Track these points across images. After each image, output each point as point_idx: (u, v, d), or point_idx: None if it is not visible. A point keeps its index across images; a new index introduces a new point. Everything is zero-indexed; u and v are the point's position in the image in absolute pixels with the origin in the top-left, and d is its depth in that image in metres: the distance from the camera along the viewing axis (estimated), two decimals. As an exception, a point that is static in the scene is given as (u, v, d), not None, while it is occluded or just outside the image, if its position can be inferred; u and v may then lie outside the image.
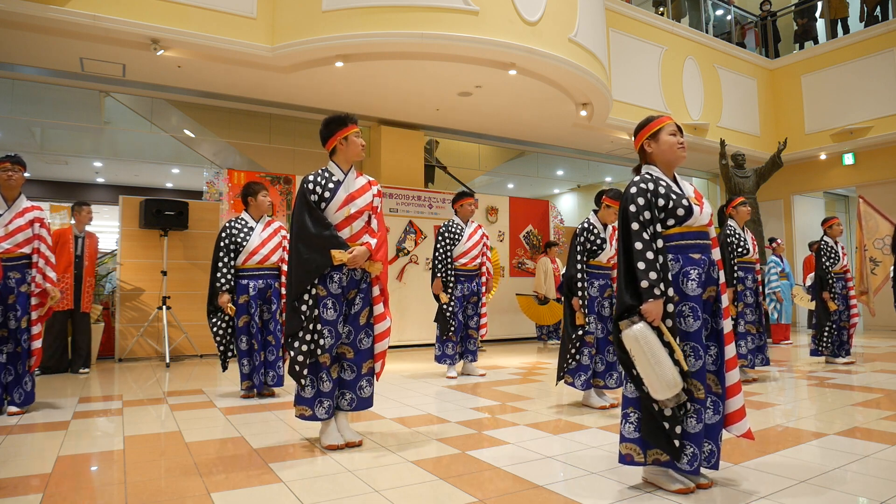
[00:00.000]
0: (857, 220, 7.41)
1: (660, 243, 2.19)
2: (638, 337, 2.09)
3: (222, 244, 4.27)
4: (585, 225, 3.89)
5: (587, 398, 3.92)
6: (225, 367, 4.48)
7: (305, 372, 2.80)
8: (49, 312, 3.86)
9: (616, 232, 3.89)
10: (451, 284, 5.17)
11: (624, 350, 2.17)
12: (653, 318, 2.12)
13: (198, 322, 6.81)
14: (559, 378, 3.87)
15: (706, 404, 2.18)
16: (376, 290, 2.95)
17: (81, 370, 5.68)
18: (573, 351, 3.76)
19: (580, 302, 3.73)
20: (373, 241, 2.91)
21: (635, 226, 2.19)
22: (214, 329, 4.30)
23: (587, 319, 3.75)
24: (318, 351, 2.79)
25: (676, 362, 2.09)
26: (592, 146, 10.27)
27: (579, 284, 3.74)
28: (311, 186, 2.88)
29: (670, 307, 2.15)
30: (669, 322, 2.15)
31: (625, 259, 2.21)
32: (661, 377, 2.04)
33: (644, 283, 2.12)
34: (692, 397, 2.16)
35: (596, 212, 3.97)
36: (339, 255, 2.79)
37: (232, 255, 4.28)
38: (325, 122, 2.98)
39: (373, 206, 3.00)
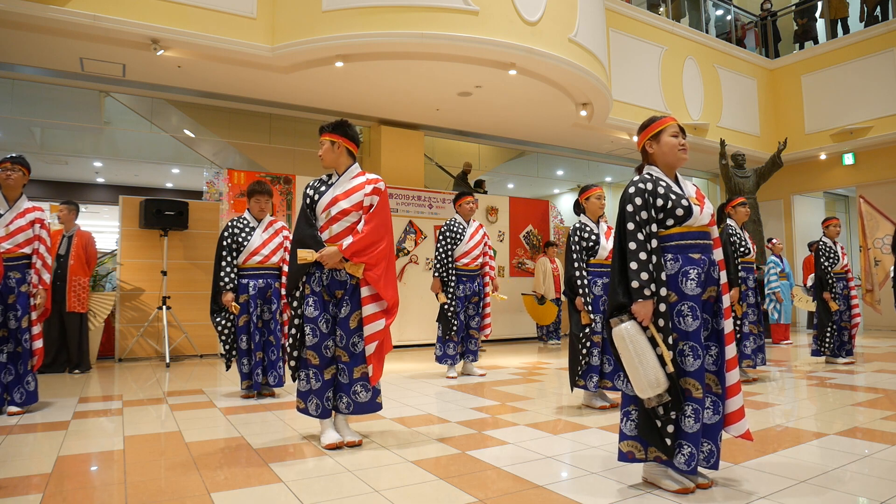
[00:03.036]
0: (860, 220, 7.42)
1: (654, 244, 2.20)
2: (625, 335, 2.13)
3: (224, 244, 4.28)
4: (578, 225, 3.88)
5: (588, 398, 3.91)
6: (228, 366, 4.53)
7: (293, 363, 2.93)
8: (47, 312, 3.86)
9: (612, 230, 3.91)
10: (451, 284, 5.16)
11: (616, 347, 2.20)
12: (642, 318, 2.14)
13: (198, 322, 6.82)
14: (573, 385, 3.78)
15: (705, 404, 2.18)
16: (365, 292, 2.84)
17: (75, 371, 5.67)
18: (584, 352, 3.72)
19: (583, 300, 3.71)
20: (346, 242, 2.81)
21: (631, 226, 2.20)
22: (219, 328, 4.32)
23: (594, 318, 3.72)
24: (300, 346, 2.89)
25: (664, 363, 2.10)
26: (592, 146, 10.28)
27: (579, 283, 3.73)
28: (307, 189, 2.99)
29: (662, 307, 2.15)
30: (662, 322, 2.15)
31: (619, 257, 2.23)
32: (645, 376, 2.07)
33: (635, 284, 2.14)
34: (690, 397, 2.16)
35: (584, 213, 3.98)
36: (303, 255, 2.78)
37: (234, 254, 4.30)
38: None
39: (363, 206, 2.90)
